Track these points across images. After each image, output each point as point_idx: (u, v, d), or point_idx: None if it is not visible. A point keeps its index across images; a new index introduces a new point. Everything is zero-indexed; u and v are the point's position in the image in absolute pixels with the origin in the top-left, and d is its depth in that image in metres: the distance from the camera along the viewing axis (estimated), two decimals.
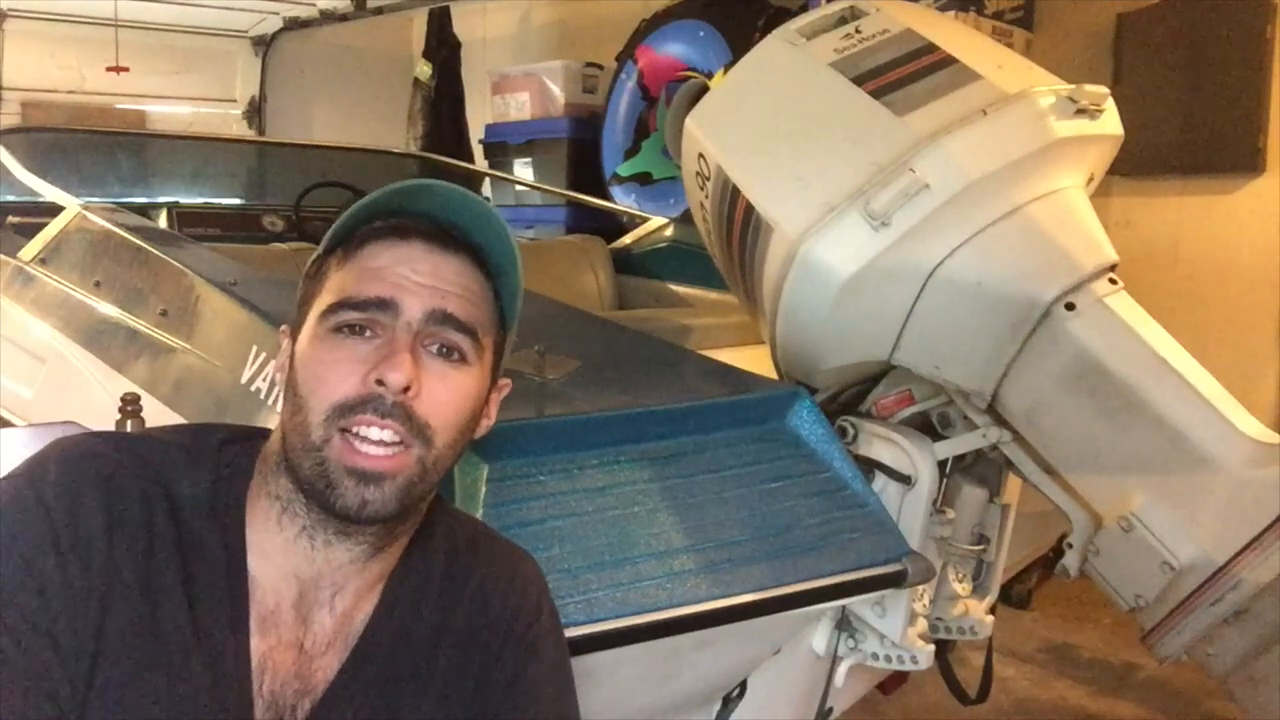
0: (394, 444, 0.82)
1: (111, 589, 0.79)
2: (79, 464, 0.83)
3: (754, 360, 1.78)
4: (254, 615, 0.85)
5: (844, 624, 1.64)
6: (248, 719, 0.83)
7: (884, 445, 1.64)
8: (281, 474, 0.86)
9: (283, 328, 0.92)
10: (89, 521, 0.80)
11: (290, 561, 0.87)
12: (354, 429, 0.82)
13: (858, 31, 1.71)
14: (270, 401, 1.64)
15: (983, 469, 1.75)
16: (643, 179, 4.87)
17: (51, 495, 0.80)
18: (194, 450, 0.89)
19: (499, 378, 0.94)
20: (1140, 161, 3.48)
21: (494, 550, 1.00)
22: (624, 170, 4.92)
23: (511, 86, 5.34)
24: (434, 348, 0.86)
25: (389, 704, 0.89)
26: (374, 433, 0.82)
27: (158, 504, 0.84)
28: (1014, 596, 3.56)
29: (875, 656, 1.64)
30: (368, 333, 0.84)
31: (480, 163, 5.46)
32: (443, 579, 0.95)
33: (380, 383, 0.82)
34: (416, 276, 0.85)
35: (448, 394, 0.85)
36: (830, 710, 1.71)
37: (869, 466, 1.62)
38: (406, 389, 0.82)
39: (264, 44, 5.85)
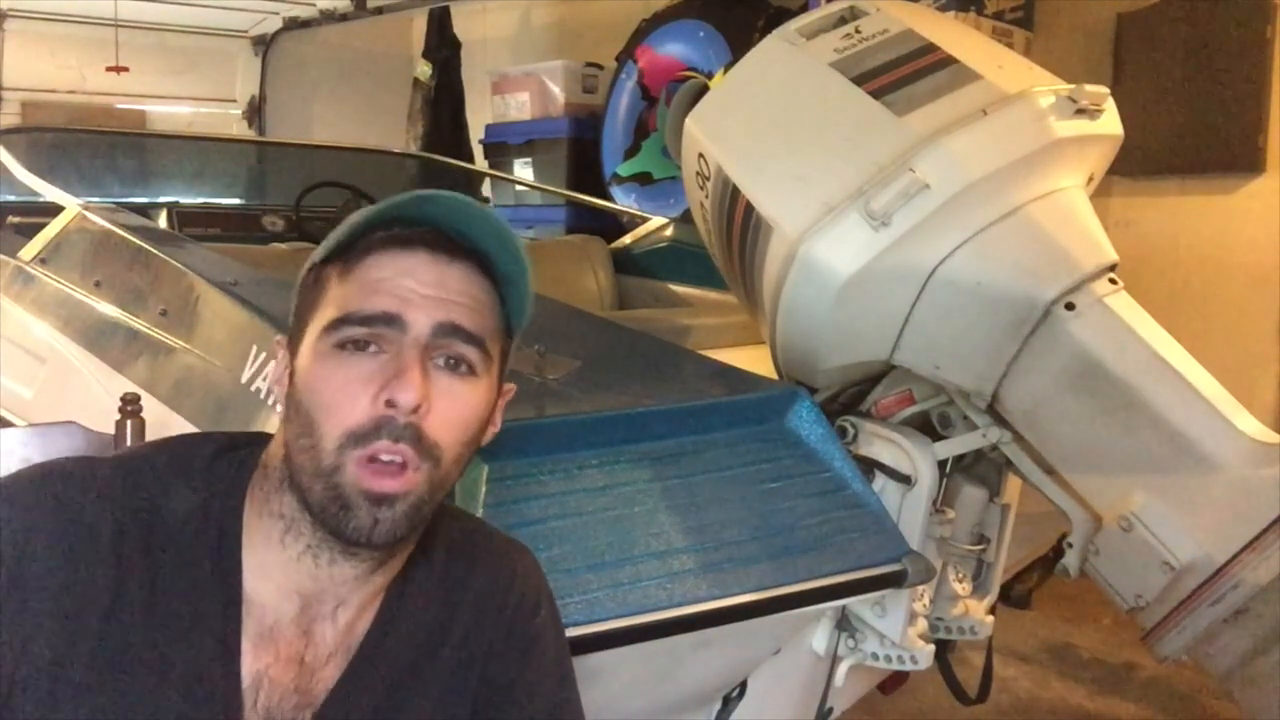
0: (404, 465, 0.81)
1: (64, 625, 0.79)
2: (38, 502, 0.82)
3: (754, 360, 1.77)
4: (250, 632, 0.84)
5: (844, 624, 1.64)
6: None
7: (884, 445, 1.64)
8: (285, 492, 0.84)
9: (278, 338, 0.90)
10: (35, 564, 0.79)
11: (292, 579, 0.85)
12: (369, 456, 0.80)
13: (858, 31, 1.71)
14: (270, 402, 1.64)
15: (983, 469, 1.75)
16: (643, 179, 4.87)
17: (4, 537, 0.79)
18: (182, 467, 0.87)
19: (504, 384, 0.93)
20: (1140, 161, 3.48)
21: (492, 547, 1.00)
22: (624, 170, 4.92)
23: (511, 86, 5.34)
24: (441, 360, 0.84)
25: (391, 707, 0.89)
26: (385, 455, 0.81)
27: (131, 530, 0.82)
28: (1014, 596, 3.53)
29: (875, 656, 1.64)
30: (372, 348, 0.82)
31: (480, 163, 5.45)
32: (442, 580, 0.94)
33: (390, 403, 0.80)
34: (422, 288, 0.83)
35: (455, 411, 0.84)
36: (830, 710, 1.71)
37: (869, 466, 1.62)
38: (417, 408, 0.81)
39: (264, 44, 5.85)
